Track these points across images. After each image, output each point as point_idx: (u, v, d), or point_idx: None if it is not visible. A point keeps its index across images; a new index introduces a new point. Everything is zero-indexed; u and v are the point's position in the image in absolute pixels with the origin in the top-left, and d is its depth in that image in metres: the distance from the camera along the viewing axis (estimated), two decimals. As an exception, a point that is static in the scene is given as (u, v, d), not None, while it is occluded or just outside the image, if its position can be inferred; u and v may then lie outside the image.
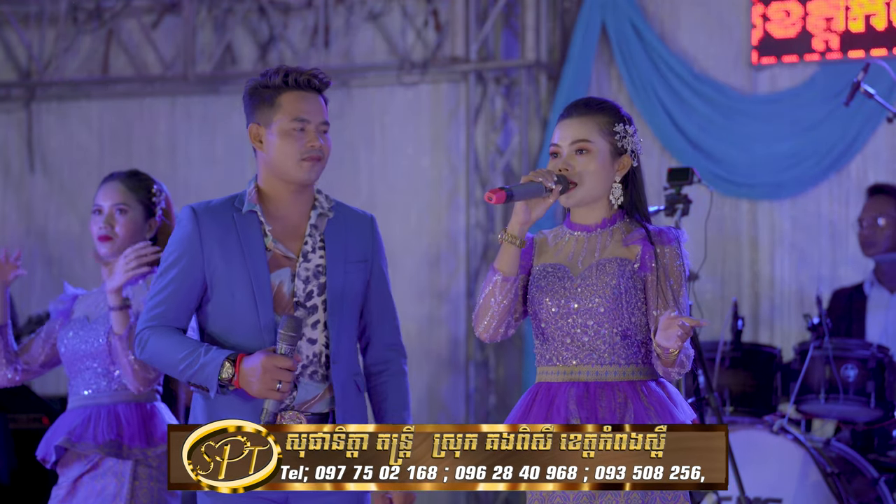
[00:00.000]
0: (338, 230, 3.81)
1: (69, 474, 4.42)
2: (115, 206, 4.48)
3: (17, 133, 9.22)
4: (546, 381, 3.61)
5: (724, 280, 7.97)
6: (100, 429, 4.37)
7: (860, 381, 6.10)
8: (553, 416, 3.53)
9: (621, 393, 3.54)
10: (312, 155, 3.76)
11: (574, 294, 3.56)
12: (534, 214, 3.53)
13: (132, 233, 4.48)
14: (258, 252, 3.75)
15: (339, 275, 3.77)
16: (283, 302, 3.74)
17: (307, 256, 3.78)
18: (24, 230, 9.05)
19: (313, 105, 3.79)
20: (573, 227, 3.66)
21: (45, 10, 9.11)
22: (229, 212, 3.82)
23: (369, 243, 3.85)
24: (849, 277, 7.63)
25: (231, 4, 8.93)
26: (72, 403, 4.47)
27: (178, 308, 3.78)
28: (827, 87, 7.81)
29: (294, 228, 3.81)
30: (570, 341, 3.57)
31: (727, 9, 8.09)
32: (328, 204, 3.84)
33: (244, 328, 3.74)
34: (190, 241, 3.78)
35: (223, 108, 9.01)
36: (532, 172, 3.56)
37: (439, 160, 8.56)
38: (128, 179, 4.54)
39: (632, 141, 3.62)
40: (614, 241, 3.61)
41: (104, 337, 4.42)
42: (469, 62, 8.49)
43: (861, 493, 5.99)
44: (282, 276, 3.75)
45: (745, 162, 7.96)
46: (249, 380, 3.63)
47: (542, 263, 3.63)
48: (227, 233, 3.78)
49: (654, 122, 8.11)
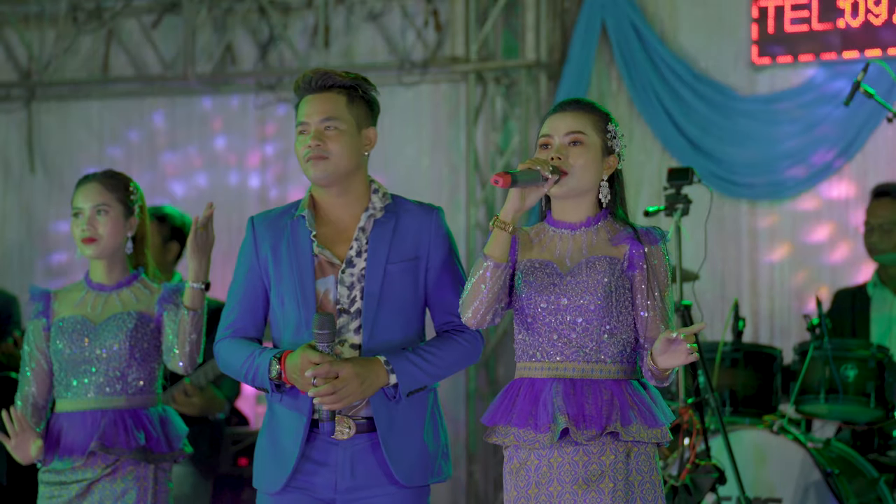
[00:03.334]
0: (383, 231, 3.80)
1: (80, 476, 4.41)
2: (96, 206, 4.49)
3: (17, 133, 9.22)
4: (529, 376, 3.61)
5: (724, 280, 7.96)
6: (130, 434, 4.38)
7: (860, 382, 6.10)
8: (539, 413, 3.55)
9: (607, 391, 3.56)
10: (312, 154, 3.77)
11: (564, 290, 3.58)
12: (527, 202, 3.55)
13: (115, 232, 4.49)
14: (305, 259, 3.79)
15: (377, 278, 3.76)
16: (329, 309, 3.77)
17: (352, 261, 3.79)
18: (24, 230, 9.05)
19: (313, 106, 3.80)
20: (557, 225, 3.67)
21: (45, 10, 9.11)
22: (285, 218, 3.86)
23: (424, 239, 3.82)
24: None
25: (231, 4, 8.93)
26: (75, 405, 4.45)
27: (246, 318, 3.86)
28: (827, 87, 7.81)
29: (342, 232, 3.82)
30: (556, 337, 3.58)
31: (727, 9, 8.08)
32: (382, 203, 3.83)
33: (291, 335, 3.78)
34: (248, 251, 3.87)
35: (223, 108, 9.01)
36: (529, 160, 3.58)
37: (439, 160, 8.56)
38: (105, 179, 4.55)
39: (619, 143, 3.68)
40: (601, 240, 3.63)
41: (123, 340, 4.42)
42: (469, 62, 8.49)
43: (861, 493, 5.99)
44: (327, 283, 3.78)
45: (745, 162, 7.95)
46: (292, 376, 3.68)
47: (528, 258, 3.64)
48: (279, 240, 3.83)
49: (654, 122, 8.10)
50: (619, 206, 3.68)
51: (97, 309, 4.49)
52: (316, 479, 3.77)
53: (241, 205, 8.86)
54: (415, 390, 3.76)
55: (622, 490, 3.52)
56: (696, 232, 6.31)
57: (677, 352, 3.44)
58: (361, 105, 3.84)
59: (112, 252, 4.51)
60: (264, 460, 3.84)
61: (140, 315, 4.47)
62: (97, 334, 4.44)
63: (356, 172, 3.83)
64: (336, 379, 3.63)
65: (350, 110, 3.81)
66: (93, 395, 4.43)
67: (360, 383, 3.65)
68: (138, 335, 4.45)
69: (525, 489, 3.58)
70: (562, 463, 3.54)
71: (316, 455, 3.77)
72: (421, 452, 3.78)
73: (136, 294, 4.52)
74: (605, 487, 3.51)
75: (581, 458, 3.54)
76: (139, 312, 4.48)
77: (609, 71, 8.31)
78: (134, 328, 4.44)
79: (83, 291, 4.54)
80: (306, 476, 3.77)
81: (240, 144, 8.99)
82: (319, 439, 3.77)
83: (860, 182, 7.79)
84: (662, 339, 3.45)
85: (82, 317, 4.47)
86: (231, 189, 8.96)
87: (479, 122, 8.55)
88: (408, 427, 3.77)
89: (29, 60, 9.21)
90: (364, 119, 3.84)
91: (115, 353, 4.41)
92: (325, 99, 3.80)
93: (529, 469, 3.58)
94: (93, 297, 4.51)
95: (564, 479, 3.54)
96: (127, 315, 4.46)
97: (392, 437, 3.73)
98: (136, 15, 9.11)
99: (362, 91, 3.85)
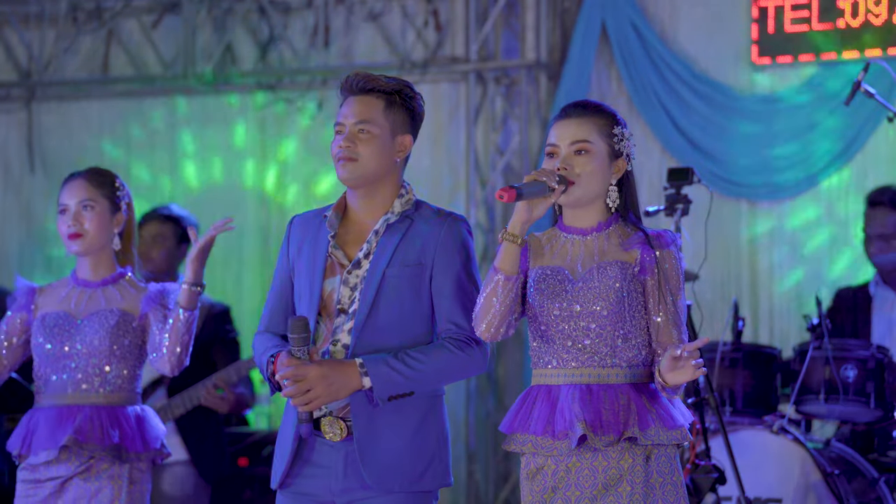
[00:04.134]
0: (393, 236, 3.82)
1: (54, 473, 4.40)
2: (82, 202, 4.50)
3: (17, 133, 9.22)
4: (545, 383, 3.60)
5: (724, 280, 7.96)
6: (105, 430, 4.38)
7: (860, 382, 6.10)
8: (557, 419, 3.53)
9: (623, 395, 3.54)
10: (342, 155, 3.81)
11: (576, 297, 3.56)
12: (535, 213, 3.54)
13: (100, 228, 4.50)
14: (319, 258, 3.84)
15: (374, 282, 3.78)
16: (330, 308, 3.80)
17: (359, 263, 3.82)
18: (24, 230, 9.05)
19: (350, 108, 3.84)
20: (568, 231, 3.66)
21: (45, 10, 9.11)
22: (318, 218, 3.92)
23: (431, 246, 3.81)
24: (849, 278, 7.63)
25: (231, 4, 8.93)
26: (53, 400, 4.45)
27: (279, 313, 3.92)
28: (827, 86, 7.81)
29: (360, 234, 3.86)
30: (571, 344, 3.57)
31: (727, 9, 8.08)
32: (401, 208, 3.86)
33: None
34: (283, 250, 3.94)
35: (223, 108, 9.01)
36: (535, 171, 3.57)
37: (439, 160, 8.56)
38: (91, 176, 4.56)
39: (628, 144, 3.65)
40: (612, 245, 3.61)
41: (104, 336, 4.42)
42: (469, 62, 8.48)
43: (861, 493, 5.99)
44: (333, 283, 3.81)
45: (745, 162, 7.95)
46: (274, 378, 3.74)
47: (540, 266, 3.62)
48: (305, 239, 3.89)
49: (654, 122, 8.10)
50: (630, 210, 3.67)
51: (80, 305, 4.49)
52: (313, 481, 3.78)
53: (240, 205, 8.86)
54: (397, 395, 3.74)
55: (640, 493, 3.49)
56: (695, 232, 6.31)
57: (685, 368, 3.42)
58: (399, 112, 3.86)
59: (98, 248, 4.52)
60: (275, 456, 3.89)
61: (123, 313, 4.46)
62: (78, 329, 4.44)
63: (385, 177, 3.85)
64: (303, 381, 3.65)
65: (386, 116, 3.83)
66: (70, 390, 4.43)
67: (327, 385, 3.66)
68: (119, 332, 4.44)
69: (541, 494, 3.57)
70: (580, 468, 3.53)
71: (312, 456, 3.79)
72: (399, 459, 3.75)
73: (121, 292, 4.52)
74: (622, 491, 3.50)
75: (600, 462, 3.52)
76: (122, 310, 4.47)
77: (609, 71, 8.31)
78: (115, 325, 4.44)
79: (69, 287, 4.55)
80: (303, 478, 3.79)
81: (240, 144, 8.99)
82: (316, 441, 3.78)
83: (860, 182, 7.79)
84: (668, 357, 3.43)
85: (65, 312, 4.48)
86: (231, 189, 8.95)
87: (479, 122, 8.55)
88: (389, 432, 3.75)
89: (29, 60, 9.21)
90: (400, 126, 3.86)
91: (95, 349, 4.41)
92: (363, 102, 3.83)
93: (546, 474, 3.57)
94: (77, 293, 4.52)
95: (583, 485, 3.52)
96: (109, 312, 4.46)
97: (367, 441, 3.73)
98: (136, 15, 9.10)
99: (403, 98, 3.87)
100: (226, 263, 8.75)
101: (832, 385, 6.10)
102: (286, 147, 8.88)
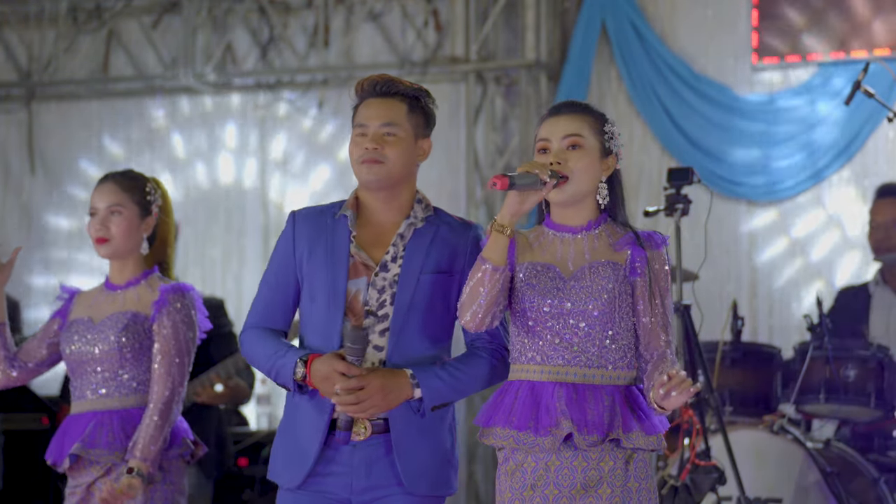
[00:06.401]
0: (421, 241, 3.81)
1: (81, 480, 4.42)
2: (110, 207, 4.48)
3: (17, 133, 9.22)
4: (527, 378, 3.59)
5: (724, 280, 7.96)
6: (114, 434, 4.37)
7: (860, 382, 6.10)
8: (541, 416, 3.52)
9: (608, 396, 3.53)
10: (367, 157, 3.78)
11: (568, 294, 3.55)
12: (525, 206, 3.53)
13: (127, 233, 4.48)
14: (341, 258, 3.80)
15: (410, 286, 3.77)
16: (357, 309, 3.78)
17: (386, 266, 3.80)
18: (24, 230, 9.05)
19: (374, 110, 3.82)
20: (557, 228, 3.64)
21: (45, 10, 9.11)
22: (326, 216, 3.88)
23: (460, 255, 3.81)
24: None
25: (231, 4, 8.93)
26: (77, 407, 4.45)
27: (274, 309, 3.88)
28: (827, 86, 7.81)
29: (381, 236, 3.83)
30: (559, 341, 3.56)
31: (727, 9, 8.08)
32: (424, 213, 3.85)
33: (317, 332, 3.79)
34: (285, 244, 3.87)
35: (223, 108, 9.01)
36: (528, 164, 3.56)
37: (439, 160, 8.55)
38: (122, 180, 4.54)
39: (617, 143, 3.65)
40: (602, 244, 3.60)
41: (113, 339, 4.41)
42: (469, 62, 8.49)
43: (861, 493, 5.99)
44: (359, 284, 3.79)
45: (745, 162, 7.95)
46: (318, 383, 3.71)
47: (529, 261, 3.61)
48: (318, 237, 3.84)
49: (654, 122, 8.10)
50: (620, 209, 3.67)
51: (102, 308, 4.48)
52: (332, 479, 3.77)
53: (240, 205, 8.86)
54: (439, 405, 3.77)
55: (619, 497, 3.50)
56: (695, 232, 6.31)
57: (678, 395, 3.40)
58: (420, 116, 3.86)
59: (125, 252, 4.49)
60: (284, 455, 3.85)
61: (134, 314, 4.44)
62: (95, 333, 4.43)
63: (406, 181, 3.85)
64: (361, 390, 3.65)
65: (409, 119, 3.83)
66: (90, 395, 4.43)
67: (384, 396, 3.67)
68: (129, 334, 4.41)
69: (520, 491, 3.57)
70: (560, 467, 3.53)
71: (333, 454, 3.78)
72: (432, 462, 3.79)
73: (139, 293, 4.50)
74: (602, 493, 3.50)
75: (580, 463, 3.52)
76: (134, 311, 4.44)
77: (609, 71, 8.31)
78: (125, 327, 4.41)
79: (98, 292, 4.55)
80: (323, 477, 3.78)
81: (240, 145, 8.99)
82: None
83: (860, 182, 7.79)
84: (657, 388, 3.41)
85: (87, 318, 4.48)
86: (231, 189, 8.96)
87: (479, 122, 8.55)
88: (425, 436, 3.78)
89: (29, 60, 9.21)
90: (421, 130, 3.87)
91: (107, 353, 4.40)
92: (387, 105, 3.82)
93: (525, 471, 3.57)
94: (103, 297, 4.51)
95: (562, 484, 3.52)
96: (121, 314, 4.44)
97: (406, 442, 3.74)
98: (136, 15, 9.11)
99: (423, 102, 3.87)
100: (226, 263, 8.76)
101: (832, 385, 6.10)
102: (286, 147, 8.88)
